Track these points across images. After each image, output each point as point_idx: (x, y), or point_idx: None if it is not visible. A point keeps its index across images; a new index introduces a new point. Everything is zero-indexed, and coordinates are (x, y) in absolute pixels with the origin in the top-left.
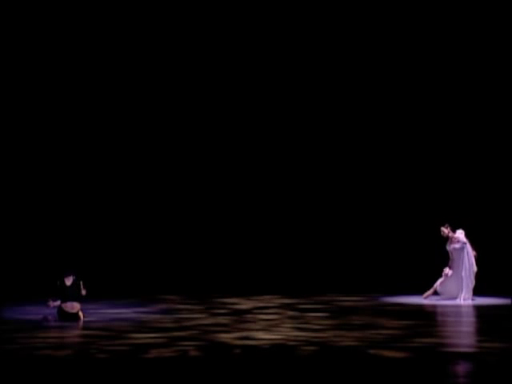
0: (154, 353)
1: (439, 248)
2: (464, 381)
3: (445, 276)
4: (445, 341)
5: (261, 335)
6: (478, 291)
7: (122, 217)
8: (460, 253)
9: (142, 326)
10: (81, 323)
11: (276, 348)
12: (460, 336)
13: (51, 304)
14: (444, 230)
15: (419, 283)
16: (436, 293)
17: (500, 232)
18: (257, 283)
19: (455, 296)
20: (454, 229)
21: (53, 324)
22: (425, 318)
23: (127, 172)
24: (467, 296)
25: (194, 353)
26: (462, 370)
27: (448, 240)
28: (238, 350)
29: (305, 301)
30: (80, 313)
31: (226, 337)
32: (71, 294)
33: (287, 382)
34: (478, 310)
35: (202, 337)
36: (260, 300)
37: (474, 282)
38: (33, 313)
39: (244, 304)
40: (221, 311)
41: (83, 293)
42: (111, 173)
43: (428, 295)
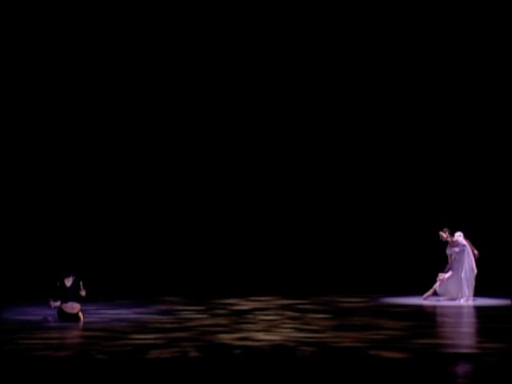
0: (154, 353)
1: (439, 249)
2: (464, 381)
3: (440, 281)
4: (445, 341)
5: (261, 336)
6: (478, 292)
7: (122, 218)
8: (460, 255)
9: (142, 327)
10: (81, 324)
11: (276, 349)
12: (460, 337)
13: (52, 304)
14: (443, 235)
15: (419, 284)
16: (436, 293)
17: (500, 233)
18: (257, 284)
19: (455, 297)
20: (453, 232)
21: (53, 325)
22: (425, 319)
23: (127, 173)
24: (467, 297)
25: (194, 353)
26: (462, 371)
27: (448, 244)
28: (238, 351)
29: (305, 301)
30: (80, 313)
31: (226, 337)
32: (71, 295)
33: (287, 383)
34: (478, 311)
35: (202, 337)
36: (260, 301)
37: (474, 284)
38: (33, 313)
39: (244, 305)
40: (221, 312)
41: (83, 293)
42: (111, 174)
43: (428, 296)
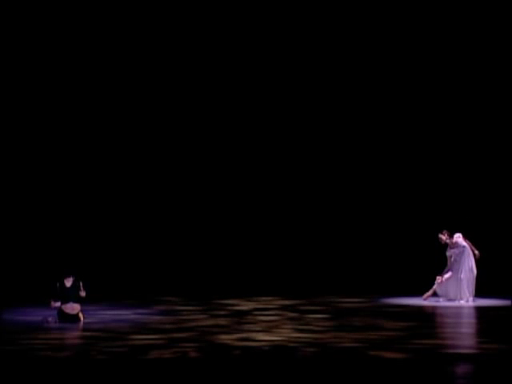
0: (154, 354)
1: (439, 249)
2: (464, 382)
3: (437, 284)
4: (445, 342)
5: (261, 336)
6: (478, 292)
7: (122, 218)
8: (460, 256)
9: (142, 328)
10: (81, 325)
11: (276, 349)
12: (460, 337)
13: (53, 304)
14: (442, 237)
15: (419, 284)
16: (435, 294)
17: (500, 233)
18: (257, 284)
19: (453, 298)
20: (452, 233)
21: (53, 325)
22: (425, 320)
23: (127, 174)
24: (467, 297)
25: (194, 354)
26: (462, 372)
27: (447, 246)
28: (238, 352)
29: (305, 302)
30: (80, 314)
31: (226, 338)
32: (71, 296)
33: None
34: (478, 312)
35: (202, 338)
36: (260, 301)
37: (475, 284)
38: (33, 314)
39: (244, 305)
40: (221, 312)
41: (82, 294)
42: (111, 174)
43: (427, 296)
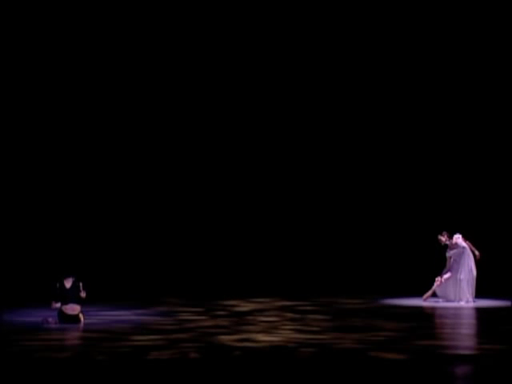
0: (154, 355)
1: (438, 250)
2: (464, 383)
3: (437, 285)
4: (444, 343)
5: (261, 337)
6: (478, 293)
7: (122, 219)
8: (460, 257)
9: (142, 328)
10: (81, 325)
11: (276, 350)
12: (460, 338)
13: (53, 305)
14: (441, 239)
15: (419, 285)
16: (435, 294)
17: (500, 234)
18: (257, 285)
19: (452, 299)
20: (451, 234)
21: (53, 326)
22: (424, 320)
23: (127, 174)
24: (467, 298)
25: (194, 355)
26: (462, 372)
27: (447, 247)
28: (238, 352)
29: (305, 303)
30: (80, 315)
31: (226, 339)
32: (71, 296)
33: None
34: (478, 312)
35: (202, 339)
36: (260, 302)
37: (475, 285)
38: (33, 315)
39: (244, 306)
40: (221, 313)
41: (83, 295)
42: (111, 175)
43: (427, 297)
